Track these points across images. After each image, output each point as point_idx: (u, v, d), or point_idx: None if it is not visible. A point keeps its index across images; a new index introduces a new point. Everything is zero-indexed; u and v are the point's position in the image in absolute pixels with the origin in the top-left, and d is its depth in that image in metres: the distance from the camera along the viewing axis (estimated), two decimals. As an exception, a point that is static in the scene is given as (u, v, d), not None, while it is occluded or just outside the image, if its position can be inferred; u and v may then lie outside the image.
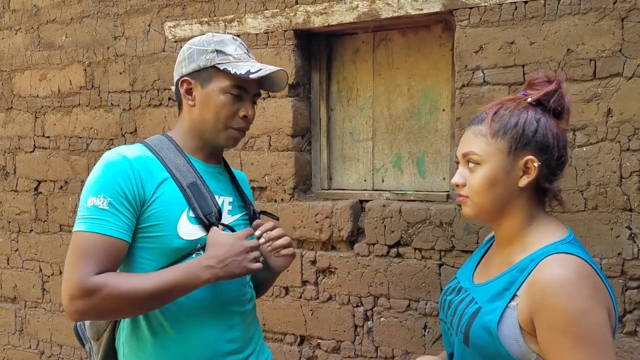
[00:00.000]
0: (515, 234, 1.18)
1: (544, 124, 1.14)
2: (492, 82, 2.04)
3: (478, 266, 1.31)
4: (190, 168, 1.39)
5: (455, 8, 2.08)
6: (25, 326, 3.23)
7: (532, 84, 1.21)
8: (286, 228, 2.47)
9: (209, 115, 1.39)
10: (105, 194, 1.26)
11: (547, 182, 1.16)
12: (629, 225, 1.90)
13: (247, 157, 2.53)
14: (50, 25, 3.02)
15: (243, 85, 1.39)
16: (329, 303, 2.43)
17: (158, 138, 1.44)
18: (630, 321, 1.91)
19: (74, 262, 1.23)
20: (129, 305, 1.24)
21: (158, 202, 1.32)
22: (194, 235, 1.34)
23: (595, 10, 1.89)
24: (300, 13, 2.36)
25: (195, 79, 1.40)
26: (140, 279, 1.25)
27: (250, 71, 1.36)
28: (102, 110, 2.88)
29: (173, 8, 2.66)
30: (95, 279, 1.21)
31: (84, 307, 1.21)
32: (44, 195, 3.08)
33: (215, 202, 1.39)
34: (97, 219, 1.25)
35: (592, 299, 1.01)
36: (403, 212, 2.25)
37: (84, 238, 1.24)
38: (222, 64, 1.37)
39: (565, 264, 1.04)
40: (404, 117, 2.43)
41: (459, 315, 1.19)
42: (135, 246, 1.32)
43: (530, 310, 1.05)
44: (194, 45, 1.41)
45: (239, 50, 1.41)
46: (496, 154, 1.14)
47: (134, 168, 1.30)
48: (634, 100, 1.87)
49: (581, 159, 1.94)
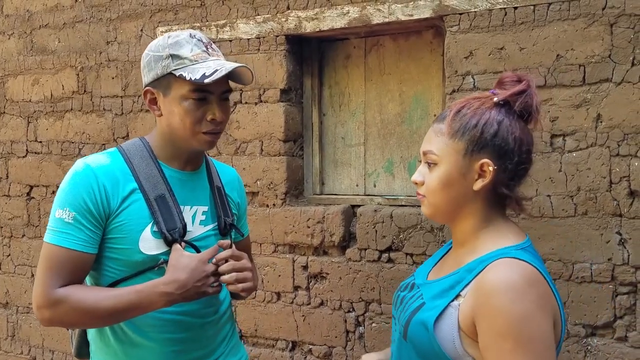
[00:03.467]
0: (469, 236, 1.15)
1: (505, 127, 1.09)
2: (482, 87, 2.04)
3: (436, 264, 1.29)
4: (160, 179, 1.37)
5: (445, 14, 2.08)
6: (17, 332, 3.22)
7: (501, 82, 1.15)
8: (278, 233, 2.47)
9: (175, 123, 1.34)
10: (70, 208, 1.28)
11: (505, 188, 1.12)
12: (619, 231, 1.90)
13: (238, 162, 2.52)
14: (43, 30, 3.02)
15: (204, 88, 1.31)
16: (320, 308, 2.42)
17: (135, 143, 1.43)
18: (620, 327, 1.91)
19: (41, 273, 1.28)
20: (88, 319, 1.29)
21: (123, 214, 1.32)
22: (154, 250, 1.34)
23: (584, 16, 1.90)
24: (291, 18, 2.37)
25: (156, 88, 1.36)
26: (99, 297, 1.27)
27: (205, 74, 1.28)
28: (94, 115, 2.88)
29: (165, 13, 2.66)
30: (58, 292, 1.25)
31: (50, 317, 1.27)
32: (36, 200, 3.07)
33: (182, 218, 1.37)
34: (62, 232, 1.28)
35: (536, 306, 0.99)
36: (394, 217, 2.25)
37: (50, 251, 1.28)
38: (177, 70, 1.31)
39: (513, 268, 1.02)
40: (396, 122, 2.43)
41: (405, 309, 1.17)
42: (102, 255, 1.34)
43: (472, 312, 1.02)
44: (150, 52, 1.37)
45: (196, 50, 1.34)
46: (452, 154, 1.11)
47: (98, 181, 1.30)
48: (623, 106, 1.87)
49: (571, 164, 1.94)
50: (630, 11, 1.84)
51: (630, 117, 1.86)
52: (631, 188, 1.87)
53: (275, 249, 2.50)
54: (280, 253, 2.49)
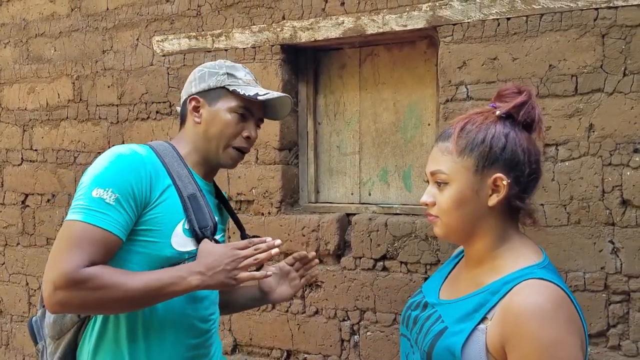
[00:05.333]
0: (486, 254, 1.13)
1: (512, 139, 1.08)
2: (476, 97, 2.06)
3: (445, 281, 1.26)
4: (191, 179, 1.40)
5: (438, 24, 2.10)
6: (11, 340, 3.20)
7: (501, 95, 1.14)
8: (273, 242, 2.47)
9: (214, 131, 1.43)
10: (114, 189, 1.23)
11: (519, 200, 1.10)
12: (612, 240, 1.91)
13: (234, 170, 2.53)
14: (39, 39, 3.03)
15: (249, 106, 1.44)
16: (315, 317, 2.42)
17: (162, 144, 1.44)
18: (614, 335, 1.92)
19: (64, 251, 1.19)
20: (116, 300, 1.20)
21: (160, 207, 1.31)
22: (185, 247, 1.33)
23: (577, 27, 1.92)
24: (287, 28, 2.38)
25: (203, 98, 1.45)
26: (131, 276, 1.22)
27: (259, 94, 1.42)
28: (90, 124, 2.88)
29: (161, 22, 2.67)
30: (86, 271, 1.17)
31: (68, 299, 1.17)
32: (31, 209, 3.07)
33: (212, 217, 1.40)
34: (100, 212, 1.21)
35: (566, 330, 0.98)
36: (389, 226, 2.26)
37: (81, 228, 1.20)
38: (231, 85, 1.44)
39: (540, 291, 1.00)
40: (390, 131, 2.44)
41: (424, 332, 1.14)
42: (126, 248, 1.29)
43: (502, 337, 1.00)
44: (206, 68, 1.48)
45: (249, 77, 1.49)
46: (463, 172, 1.09)
47: (146, 167, 1.30)
48: (615, 116, 1.89)
49: (563, 173, 1.96)
50: (621, 22, 1.86)
51: (622, 127, 1.88)
52: (623, 197, 1.89)
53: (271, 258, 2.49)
54: (275, 262, 2.49)
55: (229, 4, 2.51)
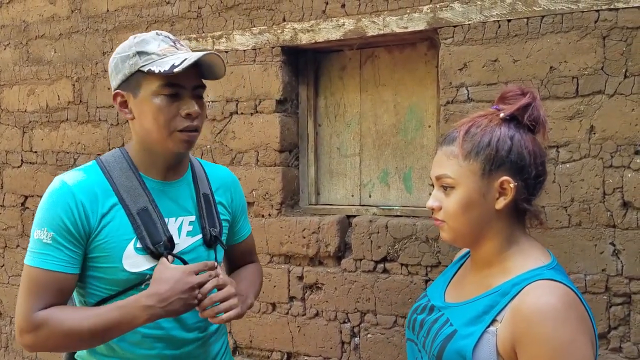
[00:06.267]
0: (494, 257, 1.12)
1: (518, 141, 1.08)
2: (476, 99, 2.06)
3: (450, 284, 1.25)
4: (142, 191, 1.31)
5: (439, 26, 2.10)
6: (10, 343, 3.20)
7: (504, 97, 1.13)
8: (273, 243, 2.47)
9: (148, 124, 1.27)
10: (48, 228, 1.23)
11: (526, 203, 1.10)
12: (613, 242, 1.91)
13: (234, 172, 2.50)
14: (39, 41, 3.03)
15: (175, 82, 1.25)
16: (316, 319, 2.42)
17: (114, 154, 1.36)
18: (615, 337, 1.92)
19: (22, 296, 1.23)
20: (72, 342, 1.23)
21: (104, 232, 1.26)
22: (139, 267, 1.28)
23: (577, 29, 1.92)
24: (287, 30, 2.38)
25: (125, 90, 1.29)
26: (80, 318, 1.21)
27: (175, 64, 1.21)
28: (90, 126, 2.88)
29: (162, 24, 2.67)
30: (39, 315, 1.20)
31: (33, 341, 1.22)
32: (30, 211, 3.06)
33: (166, 230, 1.32)
34: (41, 253, 1.23)
35: (578, 331, 0.98)
36: (390, 228, 2.25)
37: (30, 273, 1.23)
38: (145, 65, 1.24)
39: (551, 292, 1.00)
40: (391, 133, 2.44)
41: (432, 336, 1.13)
42: (86, 274, 1.29)
43: (513, 339, 1.00)
44: (117, 54, 1.30)
45: (164, 45, 1.28)
46: (469, 176, 1.08)
47: (76, 198, 1.24)
48: (616, 118, 1.89)
49: (564, 175, 1.96)
50: (622, 24, 1.86)
51: (623, 129, 1.88)
52: (624, 199, 1.89)
53: (271, 260, 2.50)
54: (275, 263, 2.49)
55: (229, 6, 2.51)
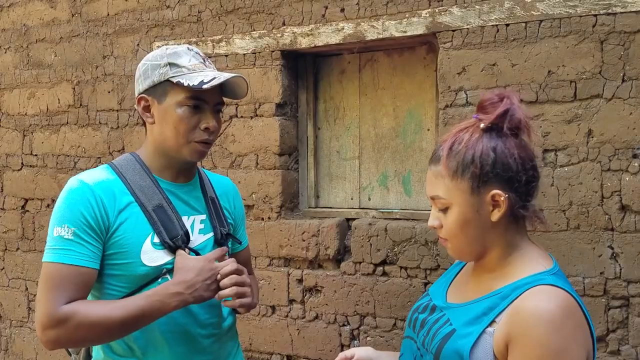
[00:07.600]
0: (497, 263, 1.12)
1: (501, 152, 1.06)
2: (475, 103, 2.07)
3: (451, 285, 1.26)
4: (156, 189, 1.37)
5: (438, 30, 2.11)
6: (10, 345, 3.20)
7: (482, 106, 1.11)
8: (273, 246, 2.47)
9: (168, 130, 1.34)
10: (69, 224, 1.26)
11: (522, 209, 1.09)
12: (611, 245, 1.92)
13: (234, 176, 2.54)
14: (40, 44, 3.04)
15: (200, 96, 1.33)
16: (315, 322, 2.42)
17: (126, 158, 1.42)
18: (613, 340, 1.92)
19: (43, 293, 1.25)
20: (99, 333, 1.25)
21: (121, 228, 1.31)
22: (157, 261, 1.32)
23: (575, 33, 1.93)
24: (287, 34, 2.39)
25: (151, 95, 1.36)
26: (108, 308, 1.25)
27: (204, 81, 1.31)
28: (90, 129, 2.89)
29: (162, 28, 2.68)
30: (64, 309, 1.22)
31: (56, 336, 1.23)
32: (30, 214, 3.07)
33: (182, 225, 1.37)
34: (63, 249, 1.26)
35: (572, 339, 0.98)
36: (389, 231, 2.26)
37: (52, 269, 1.26)
38: (175, 77, 1.33)
39: (551, 297, 1.00)
40: (390, 136, 2.45)
41: (432, 335, 1.14)
42: (103, 272, 1.32)
43: (507, 337, 1.01)
44: (148, 61, 1.38)
45: (194, 61, 1.36)
46: (460, 195, 1.08)
47: (95, 194, 1.29)
48: (614, 121, 1.90)
49: (563, 179, 1.96)
50: (620, 28, 1.87)
51: (621, 133, 1.89)
52: (622, 202, 1.89)
53: (270, 263, 2.50)
54: (275, 266, 2.50)
55: (229, 10, 2.52)
